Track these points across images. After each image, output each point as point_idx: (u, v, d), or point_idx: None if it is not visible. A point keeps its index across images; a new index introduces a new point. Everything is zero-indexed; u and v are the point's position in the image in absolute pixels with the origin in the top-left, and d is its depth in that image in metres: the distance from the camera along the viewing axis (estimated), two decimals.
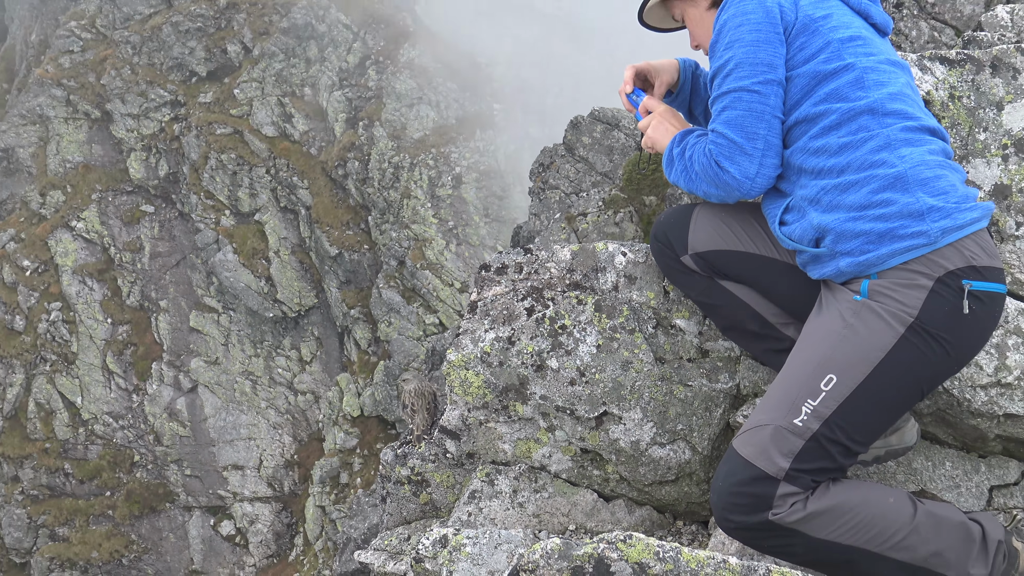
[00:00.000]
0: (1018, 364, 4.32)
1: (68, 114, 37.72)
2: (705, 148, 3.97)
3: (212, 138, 36.57)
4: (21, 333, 35.08)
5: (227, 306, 35.51)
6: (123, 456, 34.35)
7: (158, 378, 35.03)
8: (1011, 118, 4.52)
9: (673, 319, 4.65)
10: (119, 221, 36.50)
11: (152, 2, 39.27)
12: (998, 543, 3.94)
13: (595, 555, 2.97)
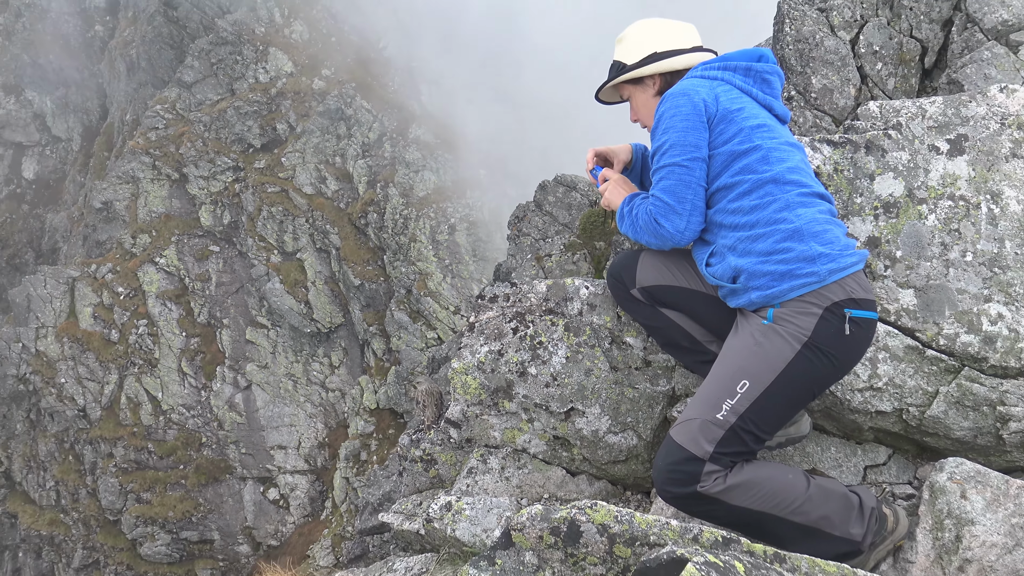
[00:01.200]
0: (886, 373, 4.33)
1: (153, 176, 37.65)
2: (647, 208, 4.02)
3: (264, 195, 36.52)
4: (116, 343, 34.95)
5: (274, 323, 35.43)
6: (193, 438, 34.21)
7: (221, 378, 34.93)
8: (880, 186, 4.52)
9: (624, 337, 4.66)
10: (192, 258, 36.40)
11: (219, 91, 39.20)
12: (871, 509, 3.97)
13: (568, 518, 2.97)
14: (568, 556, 2.95)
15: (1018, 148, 4.51)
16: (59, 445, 34.35)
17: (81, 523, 33.51)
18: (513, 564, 2.96)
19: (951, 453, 4.32)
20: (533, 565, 2.96)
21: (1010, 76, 8.74)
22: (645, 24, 4.47)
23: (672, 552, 2.70)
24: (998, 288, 4.32)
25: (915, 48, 9.54)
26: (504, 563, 2.96)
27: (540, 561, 2.96)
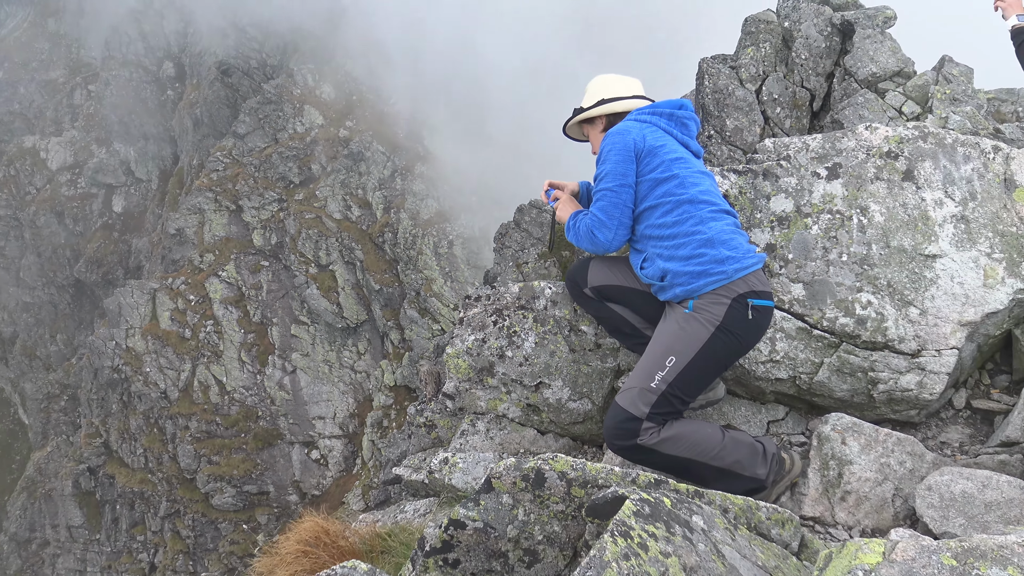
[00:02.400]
0: (783, 349, 4.35)
1: (215, 207, 37.55)
2: (586, 222, 4.06)
3: (303, 220, 36.44)
4: (188, 339, 34.85)
5: (313, 321, 35.36)
6: (251, 412, 34.12)
7: (272, 365, 34.85)
8: (775, 204, 4.54)
9: (580, 326, 4.65)
10: (247, 271, 36.29)
11: (265, 140, 39.12)
12: (773, 454, 3.99)
13: (535, 467, 2.97)
14: (536, 497, 2.96)
15: (880, 172, 4.53)
16: (146, 420, 34.23)
17: (165, 481, 33.41)
18: (494, 504, 2.97)
19: (834, 409, 4.35)
20: (509, 504, 2.96)
21: (878, 116, 8.79)
22: (601, 78, 4.53)
23: (615, 491, 2.72)
24: (867, 281, 4.35)
25: (805, 95, 9.58)
26: (487, 504, 2.96)
27: (515, 501, 2.96)
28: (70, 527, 36.03)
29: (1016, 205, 4.46)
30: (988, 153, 4.56)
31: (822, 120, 9.77)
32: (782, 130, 9.77)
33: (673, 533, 2.51)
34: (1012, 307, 4.34)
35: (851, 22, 9.44)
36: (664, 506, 2.62)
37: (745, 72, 10.00)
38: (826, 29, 9.65)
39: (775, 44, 9.97)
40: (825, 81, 9.70)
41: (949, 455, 4.25)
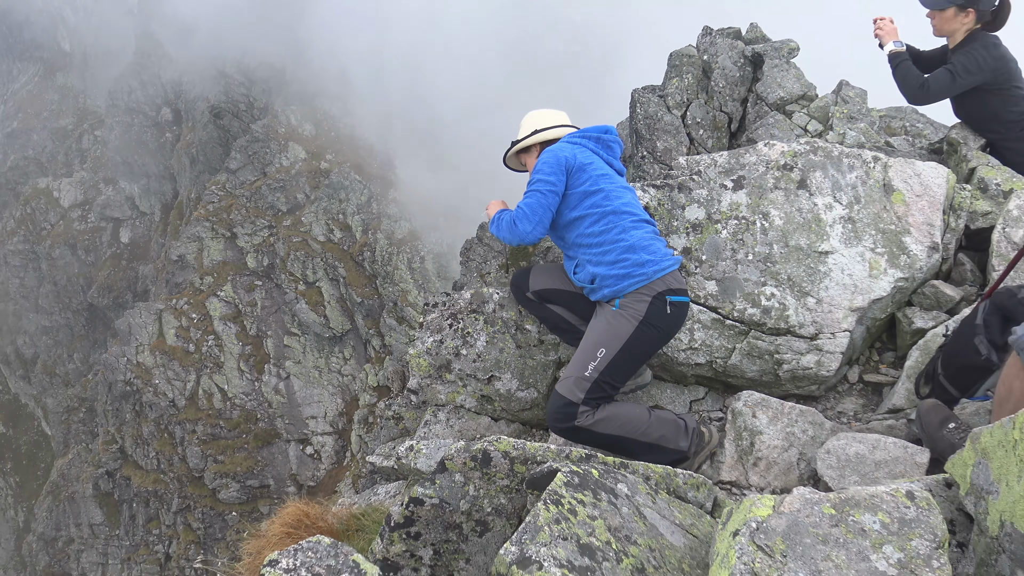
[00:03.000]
0: (700, 337, 4.41)
1: (213, 235, 37.13)
2: (510, 214, 4.05)
3: (291, 244, 36.15)
4: (192, 353, 34.44)
5: (303, 332, 35.06)
6: (251, 415, 33.78)
7: (268, 372, 34.52)
8: (689, 213, 4.61)
9: (525, 325, 4.67)
10: (243, 290, 35.93)
11: (255, 174, 38.76)
12: (693, 429, 4.03)
13: (482, 448, 3.00)
14: (484, 474, 2.99)
15: (778, 182, 4.62)
16: (157, 427, 33.79)
17: (176, 480, 32.98)
18: (448, 483, 2.99)
19: (746, 387, 4.41)
20: (461, 482, 2.99)
21: (787, 134, 8.90)
22: (533, 112, 4.54)
23: (550, 466, 2.76)
24: (770, 276, 4.42)
25: (724, 119, 9.69)
26: (441, 482, 2.99)
27: (466, 479, 2.99)
28: (92, 525, 35.49)
29: (894, 206, 4.57)
30: (869, 163, 4.66)
31: (739, 139, 9.88)
32: (705, 149, 9.87)
33: (599, 499, 2.56)
34: (894, 293, 4.44)
35: (760, 54, 9.56)
36: (592, 476, 2.66)
37: (671, 100, 10.08)
38: (739, 60, 9.77)
39: (696, 75, 10.07)
40: (740, 105, 9.80)
41: (845, 423, 4.33)
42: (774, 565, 2.04)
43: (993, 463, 2.33)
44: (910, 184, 4.60)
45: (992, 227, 4.69)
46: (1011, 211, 4.59)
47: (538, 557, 2.20)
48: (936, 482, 2.77)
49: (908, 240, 4.50)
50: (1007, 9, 5.55)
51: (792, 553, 2.08)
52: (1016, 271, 4.34)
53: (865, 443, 3.75)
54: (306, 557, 2.16)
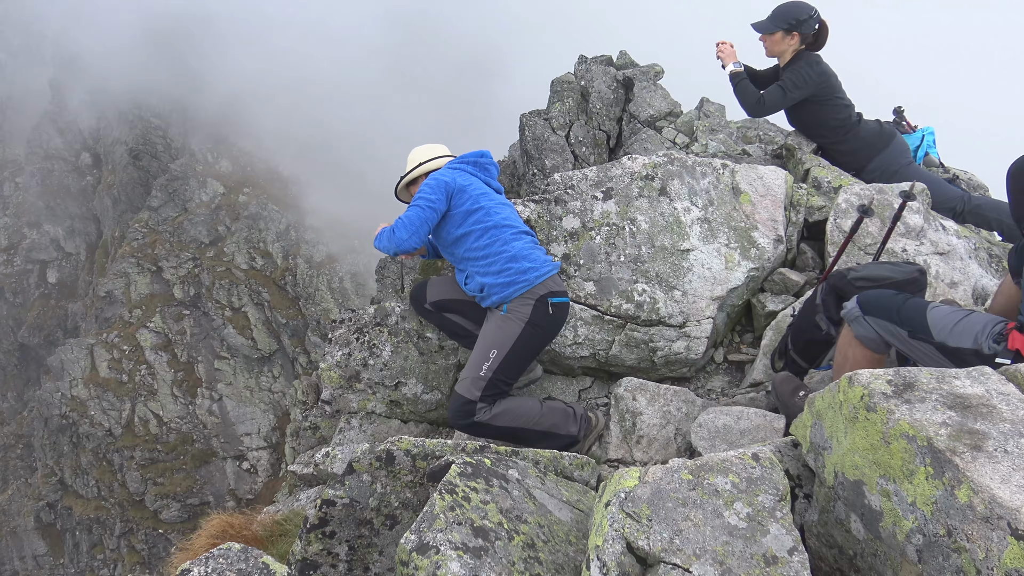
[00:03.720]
0: (583, 333, 4.49)
1: (139, 270, 35.77)
2: (392, 226, 4.01)
3: (215, 273, 35.14)
4: (126, 383, 33.09)
5: (233, 355, 34.05)
6: (187, 437, 32.62)
7: (201, 396, 33.41)
8: (566, 223, 4.69)
9: (425, 334, 4.66)
10: (172, 320, 34.71)
11: (177, 209, 37.53)
12: (581, 415, 4.10)
13: (386, 449, 3.00)
14: (389, 472, 2.99)
15: (642, 191, 4.75)
16: (95, 456, 32.28)
17: (117, 505, 31.56)
18: (356, 483, 2.98)
19: (626, 374, 4.51)
20: (369, 481, 2.98)
21: (658, 147, 9.13)
22: (417, 148, 4.55)
23: (447, 459, 2.78)
24: (641, 275, 4.55)
25: (603, 136, 9.87)
26: (350, 483, 2.98)
27: (373, 478, 2.98)
28: (36, 556, 33.62)
29: (742, 206, 4.76)
30: (719, 169, 4.84)
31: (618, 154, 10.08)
32: (588, 164, 10.05)
33: (491, 485, 2.59)
34: (747, 282, 4.63)
35: (631, 78, 9.80)
36: (485, 465, 2.70)
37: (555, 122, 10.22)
38: (613, 84, 9.97)
39: (576, 99, 10.24)
40: (617, 124, 10.02)
41: (714, 399, 4.48)
42: (641, 529, 2.12)
43: (826, 423, 2.47)
44: (755, 186, 4.81)
45: (826, 219, 4.93)
46: (840, 204, 4.85)
47: (435, 543, 2.22)
48: (785, 443, 2.91)
49: (756, 235, 4.70)
50: (825, 32, 5.88)
51: (656, 517, 2.15)
52: (847, 255, 4.59)
53: (731, 415, 3.89)
54: (217, 564, 2.13)
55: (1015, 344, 2.81)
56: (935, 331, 3.07)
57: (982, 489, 1.90)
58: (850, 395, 2.29)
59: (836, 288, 3.81)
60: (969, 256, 4.78)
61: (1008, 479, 1.91)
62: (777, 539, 2.11)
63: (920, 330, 3.12)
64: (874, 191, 4.88)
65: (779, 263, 4.83)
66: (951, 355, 3.03)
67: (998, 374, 2.33)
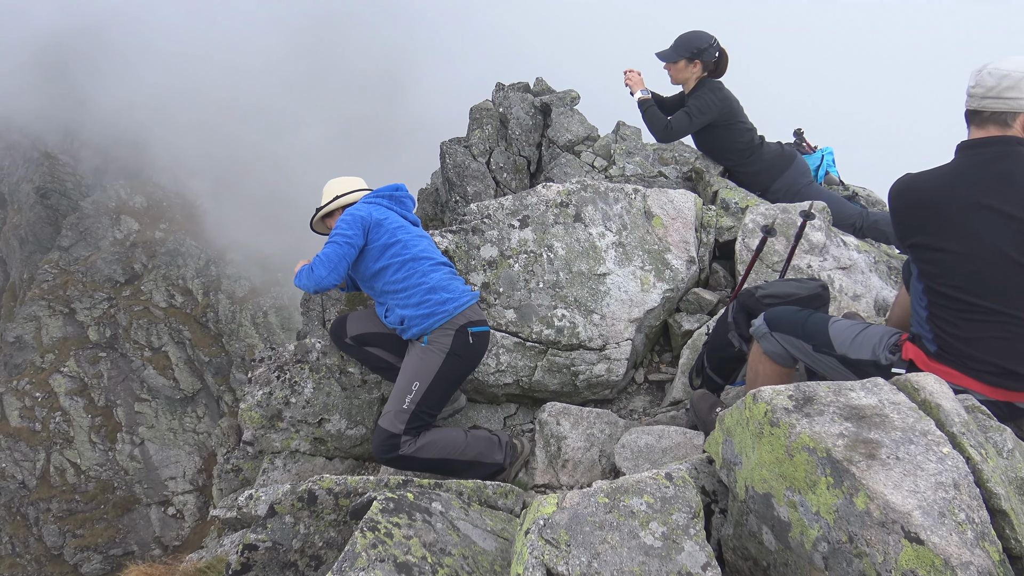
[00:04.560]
0: (506, 360, 4.54)
1: (50, 313, 34.37)
2: (311, 263, 4.00)
3: (132, 312, 34.02)
4: (40, 432, 31.61)
5: (154, 397, 32.93)
6: (108, 485, 31.28)
7: (121, 441, 32.13)
8: (484, 252, 4.74)
9: (347, 368, 4.63)
10: (87, 363, 33.40)
11: (90, 249, 36.31)
12: (507, 443, 4.13)
13: (308, 488, 2.97)
14: (312, 512, 2.95)
15: (558, 218, 4.84)
16: (8, 511, 30.64)
17: (34, 561, 29.96)
18: (279, 525, 2.94)
19: (550, 399, 4.56)
20: (291, 523, 2.95)
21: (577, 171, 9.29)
22: (332, 181, 4.54)
23: (369, 496, 2.77)
24: (560, 300, 4.62)
25: (523, 162, 9.99)
26: (272, 525, 2.93)
27: (295, 519, 2.95)
28: None
29: (655, 229, 4.90)
30: (631, 194, 4.98)
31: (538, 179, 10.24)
32: (510, 190, 10.15)
33: (414, 520, 2.60)
34: (663, 303, 4.75)
35: (548, 104, 9.97)
36: (407, 499, 2.70)
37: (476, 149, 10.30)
38: (531, 110, 10.12)
39: (495, 125, 10.35)
40: (536, 149, 10.16)
41: (636, 419, 4.57)
42: (560, 554, 2.16)
43: (735, 439, 2.56)
44: (666, 209, 4.96)
45: (735, 239, 5.11)
46: (747, 224, 5.03)
47: None
48: (701, 460, 2.99)
49: (670, 257, 4.83)
50: (725, 59, 6.14)
51: (575, 541, 2.20)
52: (755, 273, 4.76)
53: (652, 434, 3.98)
54: None
55: (908, 354, 2.97)
56: (837, 344, 3.22)
57: (877, 496, 2.01)
58: (755, 411, 2.38)
59: (745, 306, 3.94)
60: (870, 269, 5.02)
61: (900, 485, 2.02)
62: (691, 556, 2.18)
63: (823, 344, 3.26)
64: (778, 211, 5.09)
65: (693, 283, 4.98)
66: (852, 367, 3.18)
67: (890, 384, 2.46)
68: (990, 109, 2.82)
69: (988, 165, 2.79)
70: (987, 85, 2.82)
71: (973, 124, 2.90)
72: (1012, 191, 2.71)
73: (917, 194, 2.92)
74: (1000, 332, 2.74)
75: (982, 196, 2.74)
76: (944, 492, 2.01)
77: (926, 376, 2.46)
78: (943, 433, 2.21)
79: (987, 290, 2.73)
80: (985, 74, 2.84)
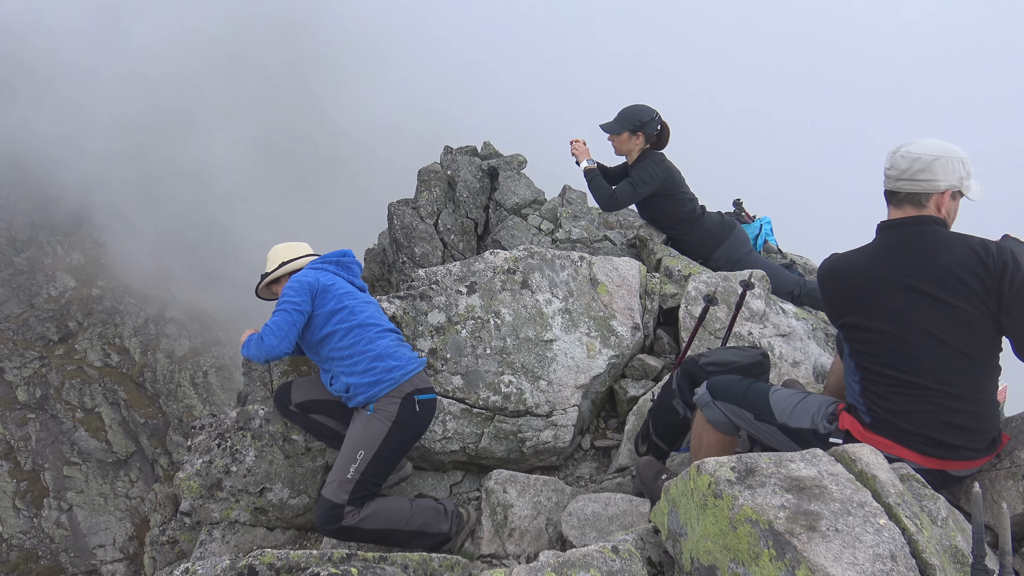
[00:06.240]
0: (452, 427, 4.51)
1: None
2: (261, 332, 3.96)
3: (65, 372, 32.87)
4: None
5: (84, 460, 31.60)
6: (31, 554, 29.70)
7: (48, 506, 30.66)
8: (432, 318, 4.75)
9: (291, 435, 4.54)
10: (15, 425, 32.01)
11: (21, 306, 35.20)
12: (452, 512, 4.09)
13: (248, 563, 2.89)
14: None
15: (505, 284, 4.89)
16: None
17: None
18: None
19: (497, 466, 4.54)
20: None
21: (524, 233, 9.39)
22: (278, 247, 4.52)
23: (312, 571, 2.71)
24: (507, 366, 4.64)
25: (471, 224, 10.08)
26: None
27: None
28: None
29: (600, 296, 4.98)
30: (577, 262, 5.06)
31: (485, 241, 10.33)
32: (458, 251, 10.21)
33: None
34: (609, 369, 4.80)
35: (495, 167, 10.12)
36: (351, 575, 2.65)
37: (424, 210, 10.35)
38: (478, 173, 10.24)
39: (443, 188, 10.44)
40: (484, 211, 10.26)
41: (583, 485, 4.57)
42: None
43: (680, 509, 2.58)
44: (611, 276, 5.05)
45: (679, 306, 5.22)
46: (690, 292, 5.15)
47: None
48: (647, 531, 3.00)
49: (615, 323, 4.91)
50: (667, 132, 6.35)
51: None
52: (698, 340, 4.86)
53: (599, 502, 3.98)
54: None
55: (844, 424, 3.06)
56: (777, 413, 3.29)
57: (818, 568, 2.04)
58: (699, 483, 2.42)
59: (689, 373, 4.01)
60: (808, 336, 5.16)
61: (840, 557, 2.07)
62: None
63: (764, 413, 3.33)
64: (719, 279, 5.23)
65: (637, 349, 5.05)
66: (793, 435, 3.25)
67: (828, 455, 2.53)
68: (905, 190, 2.97)
69: (907, 246, 2.92)
70: (900, 168, 2.98)
71: (891, 204, 3.05)
72: (930, 270, 2.84)
73: (843, 275, 3.05)
74: (928, 405, 2.84)
75: (904, 277, 2.87)
76: (882, 564, 2.06)
77: (862, 447, 2.53)
78: (879, 504, 2.28)
79: (914, 367, 2.84)
80: (898, 157, 3.00)
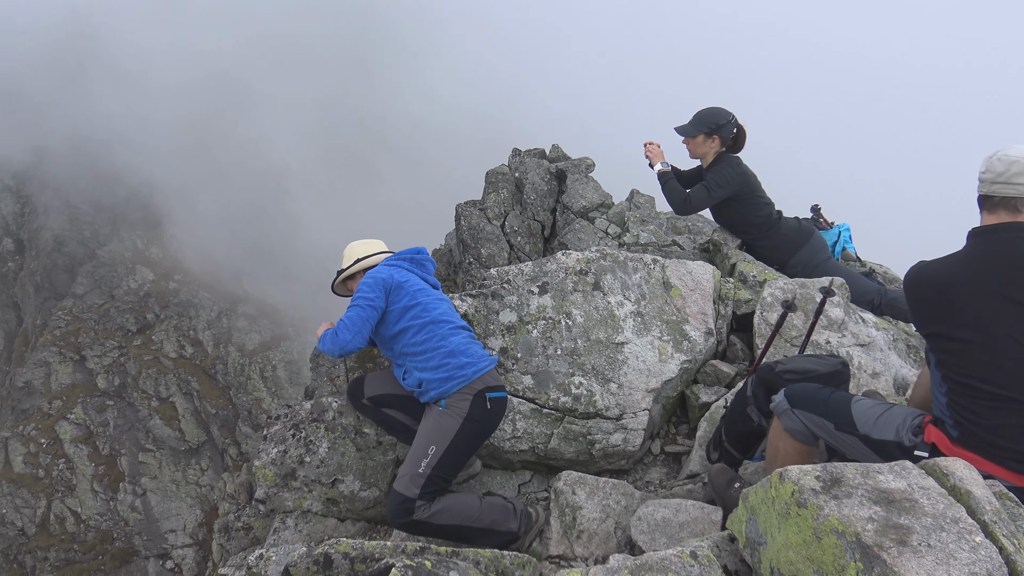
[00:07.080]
0: (522, 427, 4.51)
1: (60, 359, 34.46)
2: (336, 327, 4.01)
3: (142, 362, 34.08)
4: (42, 478, 31.35)
5: (159, 447, 32.69)
6: (107, 536, 30.86)
7: (123, 491, 31.79)
8: (503, 317, 4.76)
9: (363, 429, 4.61)
10: (94, 411, 33.31)
11: (103, 297, 36.60)
12: (521, 511, 4.08)
13: (323, 552, 2.93)
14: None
15: (576, 285, 4.87)
16: (6, 558, 30.21)
17: None
18: None
19: (566, 468, 4.52)
20: None
21: (592, 237, 9.37)
22: (354, 244, 4.59)
23: (387, 562, 2.74)
24: (578, 368, 4.62)
25: (538, 226, 10.09)
26: None
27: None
28: None
29: (673, 300, 4.91)
30: (650, 264, 5.01)
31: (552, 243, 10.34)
32: (524, 253, 10.25)
33: None
34: (681, 374, 4.74)
35: (564, 170, 10.10)
36: (425, 568, 2.66)
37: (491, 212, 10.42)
38: (546, 176, 10.25)
39: (511, 190, 10.49)
40: (551, 214, 10.27)
41: (652, 491, 4.51)
42: None
43: (760, 518, 2.52)
44: (684, 280, 4.98)
45: (753, 312, 5.12)
46: (765, 298, 5.05)
47: None
48: (723, 538, 2.95)
49: (688, 328, 4.84)
50: (743, 135, 6.23)
51: None
52: (774, 347, 4.75)
53: (669, 508, 3.92)
54: None
55: (931, 437, 2.94)
56: (859, 424, 3.19)
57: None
58: (781, 491, 2.36)
59: (765, 380, 3.92)
60: (888, 347, 5.00)
61: (933, 574, 1.99)
62: None
63: (846, 423, 3.24)
64: (797, 286, 5.11)
65: (710, 355, 4.97)
66: (875, 447, 3.14)
67: (918, 468, 2.44)
68: (1000, 194, 2.85)
69: (999, 253, 2.80)
70: (996, 171, 2.86)
71: (984, 209, 2.93)
72: (1022, 277, 2.72)
73: (929, 284, 2.94)
74: (1020, 420, 2.71)
75: (994, 285, 2.75)
76: None
77: (955, 461, 2.43)
78: (974, 521, 2.18)
79: (1005, 379, 2.72)
80: (995, 160, 2.89)
